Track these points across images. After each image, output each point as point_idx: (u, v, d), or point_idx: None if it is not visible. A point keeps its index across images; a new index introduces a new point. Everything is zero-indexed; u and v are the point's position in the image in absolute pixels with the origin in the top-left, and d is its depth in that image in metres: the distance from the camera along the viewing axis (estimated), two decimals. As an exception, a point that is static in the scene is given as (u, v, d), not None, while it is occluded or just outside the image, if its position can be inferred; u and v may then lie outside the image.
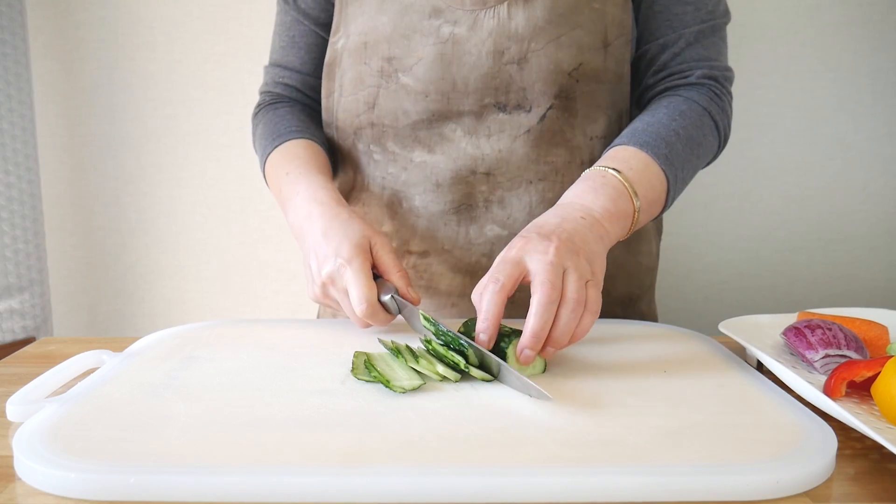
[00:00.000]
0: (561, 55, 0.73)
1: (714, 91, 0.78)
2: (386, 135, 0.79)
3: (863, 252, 1.39)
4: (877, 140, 1.35)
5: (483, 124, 0.76)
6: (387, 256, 0.68)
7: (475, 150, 0.76)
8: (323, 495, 0.40)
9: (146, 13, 1.35)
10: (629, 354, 0.63)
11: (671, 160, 0.70)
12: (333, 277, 0.66)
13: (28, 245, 1.30)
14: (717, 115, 0.77)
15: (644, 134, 0.71)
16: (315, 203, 0.71)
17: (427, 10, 0.74)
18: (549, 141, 0.76)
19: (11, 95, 1.25)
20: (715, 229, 1.40)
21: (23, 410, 0.51)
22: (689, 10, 0.77)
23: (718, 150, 0.81)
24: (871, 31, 1.31)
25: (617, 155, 0.70)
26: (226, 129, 1.39)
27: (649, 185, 0.68)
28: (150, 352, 0.63)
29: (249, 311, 1.45)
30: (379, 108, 0.78)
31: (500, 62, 0.73)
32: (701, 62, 0.78)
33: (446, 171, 0.77)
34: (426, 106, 0.76)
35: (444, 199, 0.78)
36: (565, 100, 0.75)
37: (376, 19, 0.76)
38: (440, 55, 0.74)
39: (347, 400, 0.52)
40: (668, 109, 0.74)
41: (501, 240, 0.78)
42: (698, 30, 0.77)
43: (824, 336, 0.61)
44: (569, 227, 0.60)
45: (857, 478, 0.45)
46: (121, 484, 0.40)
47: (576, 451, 0.44)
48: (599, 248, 0.61)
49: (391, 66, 0.76)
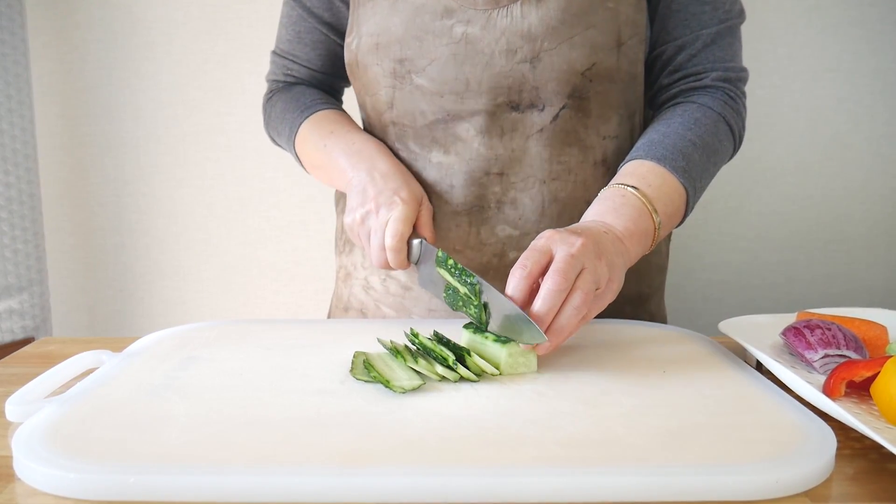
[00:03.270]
0: (574, 55, 0.73)
1: (728, 94, 0.78)
2: (406, 134, 0.80)
3: (862, 252, 1.39)
4: (876, 140, 1.35)
5: (496, 124, 0.76)
6: (427, 215, 0.75)
7: (488, 150, 0.77)
8: (322, 495, 0.40)
9: (146, 14, 1.35)
10: (628, 354, 0.63)
11: (689, 172, 0.71)
12: (380, 208, 0.71)
13: (27, 245, 1.30)
14: (732, 119, 0.77)
15: (660, 147, 0.71)
16: (378, 153, 0.77)
17: (439, 11, 0.74)
18: (562, 140, 0.76)
19: (11, 95, 1.25)
20: (714, 229, 1.40)
21: (22, 410, 0.51)
22: (706, 10, 0.77)
23: (734, 153, 0.81)
24: (870, 32, 1.31)
25: (635, 171, 0.70)
26: (226, 129, 1.39)
27: (668, 200, 0.69)
28: (149, 352, 0.63)
29: (249, 311, 1.45)
30: (396, 108, 0.79)
31: (513, 61, 0.74)
32: (717, 64, 0.78)
33: (460, 172, 0.78)
34: (441, 105, 0.76)
35: (456, 202, 0.79)
36: (578, 99, 0.75)
37: (388, 20, 0.76)
38: (453, 55, 0.74)
39: (347, 400, 0.52)
40: (684, 118, 0.75)
41: (513, 240, 0.79)
42: (716, 31, 0.77)
43: (823, 336, 0.61)
44: (595, 235, 0.62)
45: (856, 478, 0.45)
46: (120, 484, 0.40)
47: (576, 451, 0.44)
48: (620, 261, 0.62)
49: (403, 68, 0.76)
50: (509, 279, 0.59)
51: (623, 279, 0.63)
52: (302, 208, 1.41)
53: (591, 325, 0.72)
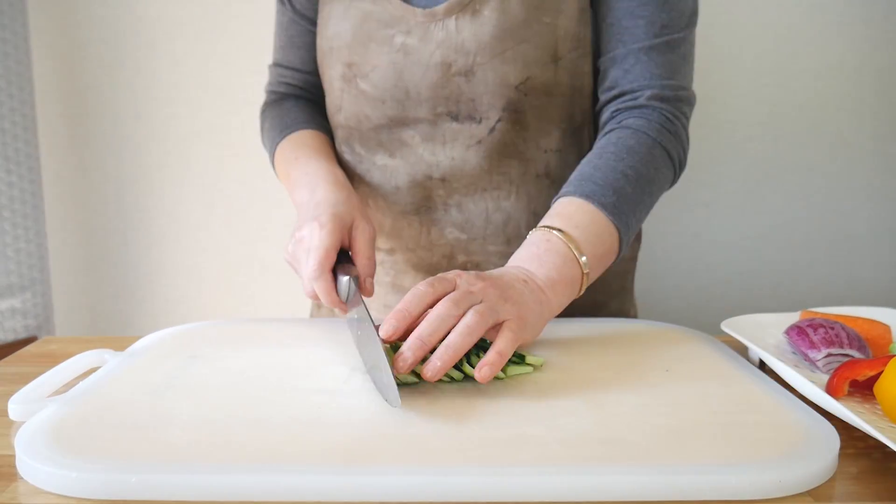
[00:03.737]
0: (507, 69, 0.73)
1: (665, 115, 0.73)
2: (353, 137, 0.81)
3: (866, 251, 1.39)
4: (880, 139, 1.35)
5: (438, 132, 0.77)
6: (362, 240, 0.68)
7: (431, 156, 0.78)
8: (324, 494, 0.40)
9: (147, 13, 1.35)
10: (631, 353, 0.63)
11: (619, 207, 0.67)
12: (304, 237, 0.67)
13: (30, 244, 1.30)
14: (669, 144, 0.73)
15: (590, 182, 0.68)
16: (321, 181, 0.74)
17: (385, 19, 0.75)
18: (500, 152, 0.77)
19: (13, 95, 1.25)
20: (717, 228, 1.39)
21: (24, 410, 0.51)
22: (640, 24, 0.73)
23: (675, 179, 0.77)
24: (873, 30, 1.31)
25: (563, 210, 0.67)
26: (227, 128, 1.39)
27: (597, 241, 0.66)
28: (151, 351, 0.63)
29: (251, 310, 1.45)
30: (344, 111, 0.80)
31: (448, 73, 0.74)
32: (652, 81, 0.73)
33: (404, 175, 0.79)
34: (384, 112, 0.77)
35: (403, 201, 0.80)
36: (514, 112, 0.75)
37: (340, 25, 0.78)
38: (392, 63, 0.75)
39: (349, 399, 0.52)
40: (617, 147, 0.71)
41: (461, 243, 0.80)
42: (649, 45, 0.73)
43: (827, 335, 0.61)
44: (506, 280, 0.59)
45: (859, 477, 0.45)
46: (122, 483, 0.40)
47: (577, 451, 0.44)
48: (535, 308, 0.59)
49: (351, 72, 0.78)
50: (409, 293, 0.56)
51: (540, 327, 0.60)
52: (303, 207, 1.41)
53: (593, 324, 0.72)
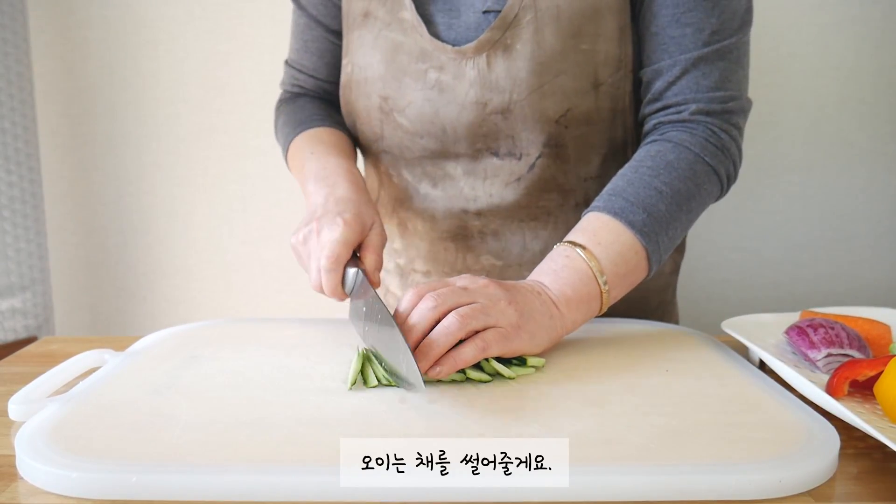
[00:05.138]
0: (546, 104, 0.71)
1: (711, 129, 0.70)
2: (399, 164, 0.80)
3: (865, 251, 1.39)
4: (880, 138, 1.35)
5: (480, 166, 0.76)
6: (377, 240, 0.67)
7: (471, 190, 0.77)
8: (325, 494, 0.40)
9: (147, 12, 1.35)
10: (631, 353, 0.63)
11: (649, 226, 0.64)
12: (322, 229, 0.65)
13: (30, 244, 1.30)
14: (714, 159, 0.69)
15: (620, 198, 0.65)
16: (342, 179, 0.71)
17: (416, 53, 0.73)
18: (540, 188, 0.76)
19: (13, 95, 1.25)
20: (717, 228, 1.39)
21: (25, 410, 0.51)
22: (688, 32, 0.69)
23: (721, 194, 0.73)
24: (873, 30, 1.31)
25: (588, 226, 0.65)
26: (228, 128, 1.39)
27: (620, 260, 0.63)
28: (151, 351, 0.63)
29: (251, 310, 1.45)
30: (386, 140, 0.79)
31: (484, 112, 0.72)
32: (698, 94, 0.70)
33: (442, 207, 0.79)
34: (424, 145, 0.76)
35: (440, 228, 0.80)
36: (555, 147, 0.74)
37: (371, 56, 0.76)
38: (428, 101, 0.74)
39: (349, 399, 0.52)
40: (654, 161, 0.68)
41: (496, 269, 0.80)
42: (698, 55, 0.69)
43: (827, 335, 0.61)
44: (519, 288, 0.59)
45: (859, 477, 0.45)
46: (123, 483, 0.40)
47: (577, 451, 0.44)
48: (546, 322, 0.59)
49: (388, 105, 0.76)
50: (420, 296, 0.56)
51: (548, 341, 0.59)
52: (304, 207, 1.41)
53: (594, 325, 0.72)
